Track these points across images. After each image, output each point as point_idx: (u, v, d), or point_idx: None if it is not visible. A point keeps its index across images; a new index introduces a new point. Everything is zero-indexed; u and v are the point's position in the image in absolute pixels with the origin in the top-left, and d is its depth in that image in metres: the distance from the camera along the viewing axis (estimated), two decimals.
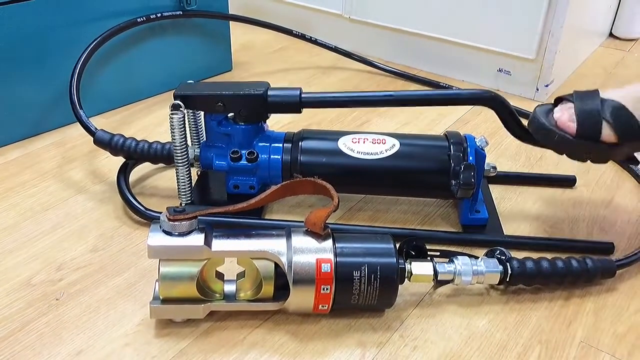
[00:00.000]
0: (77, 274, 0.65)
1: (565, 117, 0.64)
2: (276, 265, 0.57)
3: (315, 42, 1.20)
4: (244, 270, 0.58)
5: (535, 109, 0.68)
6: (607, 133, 0.63)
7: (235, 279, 0.59)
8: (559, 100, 0.68)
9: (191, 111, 0.76)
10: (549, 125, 0.65)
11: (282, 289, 0.58)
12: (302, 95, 0.70)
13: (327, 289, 0.56)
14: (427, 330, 0.60)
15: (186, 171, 0.72)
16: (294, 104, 0.70)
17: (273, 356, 0.57)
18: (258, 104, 0.70)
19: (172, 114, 0.68)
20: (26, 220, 0.74)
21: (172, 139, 0.70)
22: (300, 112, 0.71)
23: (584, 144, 0.64)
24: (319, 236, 0.58)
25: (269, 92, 0.70)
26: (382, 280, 0.57)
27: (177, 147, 0.70)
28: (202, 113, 0.75)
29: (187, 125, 0.71)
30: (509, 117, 0.70)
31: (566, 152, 0.66)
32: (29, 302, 0.62)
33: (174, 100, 0.69)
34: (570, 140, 0.64)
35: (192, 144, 0.79)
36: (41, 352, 0.56)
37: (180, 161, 0.71)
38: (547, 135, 0.65)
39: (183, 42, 1.07)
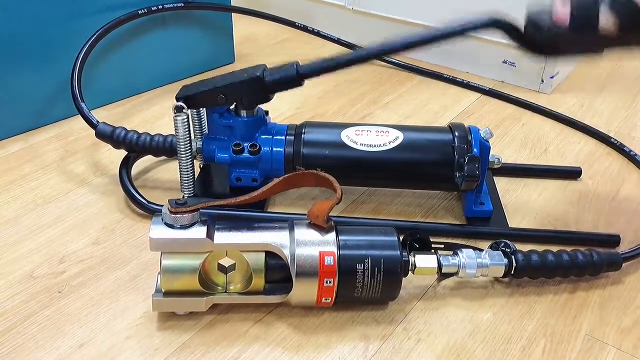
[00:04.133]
0: (79, 267, 0.65)
1: (559, 4, 0.60)
2: (272, 257, 0.57)
3: (318, 33, 1.19)
4: (235, 263, 0.58)
5: (527, 8, 0.64)
6: (606, 20, 0.58)
7: (226, 271, 0.59)
8: None
9: (195, 110, 0.76)
10: (541, 22, 0.61)
11: (284, 282, 0.57)
12: (299, 67, 0.69)
13: (330, 282, 0.56)
14: (431, 323, 0.60)
15: (190, 166, 0.72)
16: (292, 77, 0.68)
17: (276, 349, 0.56)
18: (258, 87, 0.69)
19: (175, 115, 0.68)
20: (28, 213, 0.74)
21: (177, 139, 0.70)
22: (301, 84, 0.69)
23: (579, 35, 0.60)
24: (322, 229, 0.58)
25: (266, 73, 0.69)
26: (386, 273, 0.57)
27: (182, 147, 0.70)
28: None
29: (190, 120, 0.71)
30: (514, 33, 0.65)
31: (565, 47, 0.63)
32: (31, 294, 0.62)
33: (177, 102, 0.69)
34: (562, 32, 0.60)
35: (194, 137, 0.78)
36: (43, 345, 0.56)
37: (184, 158, 0.71)
38: (538, 28, 0.62)
39: (185, 34, 1.07)
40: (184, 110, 0.69)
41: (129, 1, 0.95)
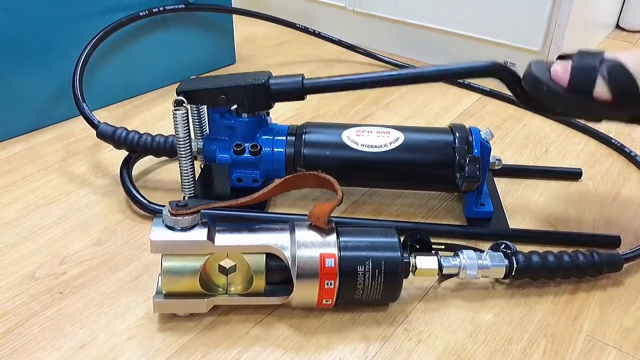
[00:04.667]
0: (81, 268, 0.65)
1: (559, 69, 0.61)
2: (273, 259, 0.57)
3: (318, 35, 1.19)
4: (235, 264, 0.58)
5: (530, 62, 0.65)
6: (600, 89, 0.60)
7: (227, 273, 0.58)
8: (561, 57, 0.65)
9: (194, 105, 0.76)
10: (541, 77, 0.62)
11: (285, 283, 0.57)
12: (305, 82, 0.69)
13: (331, 283, 0.56)
14: (431, 324, 0.60)
15: (190, 165, 0.72)
16: (297, 90, 0.69)
17: (276, 350, 0.56)
18: (261, 93, 0.69)
19: (175, 109, 0.68)
20: (29, 214, 0.74)
21: (176, 133, 0.70)
22: (303, 98, 0.70)
23: (575, 99, 0.61)
24: (323, 230, 0.58)
25: (271, 81, 0.69)
26: (387, 275, 0.56)
27: (181, 142, 0.70)
28: (205, 107, 0.75)
29: (190, 119, 0.71)
30: (515, 83, 0.66)
31: (559, 108, 0.64)
32: (33, 295, 0.62)
33: (177, 96, 0.69)
34: (561, 93, 0.61)
35: (195, 137, 0.78)
36: (44, 345, 0.56)
37: (184, 155, 0.71)
38: (538, 87, 0.62)
39: (186, 35, 1.07)
40: (184, 105, 0.69)
41: (130, 3, 0.95)
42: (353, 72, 1.15)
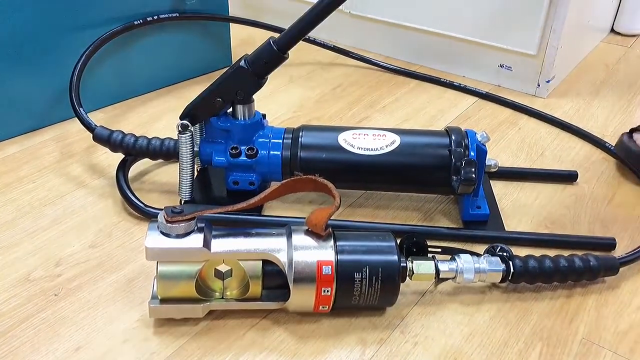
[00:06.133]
0: (76, 270, 0.65)
1: None
2: (270, 264, 0.57)
3: (313, 42, 1.19)
4: (231, 269, 0.58)
5: (621, 137, 0.85)
6: None
7: (223, 277, 0.58)
8: (633, 130, 0.84)
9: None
10: (635, 148, 0.82)
11: (282, 288, 0.57)
12: (276, 43, 0.69)
13: (327, 291, 0.56)
14: (428, 326, 0.60)
15: (190, 173, 0.72)
16: (273, 53, 0.69)
17: (272, 354, 0.56)
18: (245, 76, 0.69)
19: (180, 134, 0.69)
20: (24, 215, 0.73)
21: (180, 153, 0.71)
22: (285, 58, 0.70)
23: None
24: (320, 237, 0.57)
25: (249, 60, 0.70)
26: (384, 281, 0.56)
27: (184, 159, 0.71)
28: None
29: (193, 136, 0.72)
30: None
31: None
32: (28, 297, 0.61)
33: (181, 120, 0.70)
34: None
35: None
36: (39, 348, 0.56)
37: (185, 168, 0.71)
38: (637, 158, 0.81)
39: (182, 37, 1.07)
40: (189, 128, 0.70)
41: (125, 13, 0.95)
42: (349, 74, 1.15)
